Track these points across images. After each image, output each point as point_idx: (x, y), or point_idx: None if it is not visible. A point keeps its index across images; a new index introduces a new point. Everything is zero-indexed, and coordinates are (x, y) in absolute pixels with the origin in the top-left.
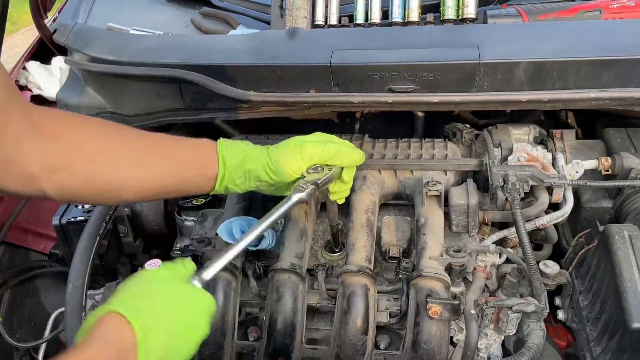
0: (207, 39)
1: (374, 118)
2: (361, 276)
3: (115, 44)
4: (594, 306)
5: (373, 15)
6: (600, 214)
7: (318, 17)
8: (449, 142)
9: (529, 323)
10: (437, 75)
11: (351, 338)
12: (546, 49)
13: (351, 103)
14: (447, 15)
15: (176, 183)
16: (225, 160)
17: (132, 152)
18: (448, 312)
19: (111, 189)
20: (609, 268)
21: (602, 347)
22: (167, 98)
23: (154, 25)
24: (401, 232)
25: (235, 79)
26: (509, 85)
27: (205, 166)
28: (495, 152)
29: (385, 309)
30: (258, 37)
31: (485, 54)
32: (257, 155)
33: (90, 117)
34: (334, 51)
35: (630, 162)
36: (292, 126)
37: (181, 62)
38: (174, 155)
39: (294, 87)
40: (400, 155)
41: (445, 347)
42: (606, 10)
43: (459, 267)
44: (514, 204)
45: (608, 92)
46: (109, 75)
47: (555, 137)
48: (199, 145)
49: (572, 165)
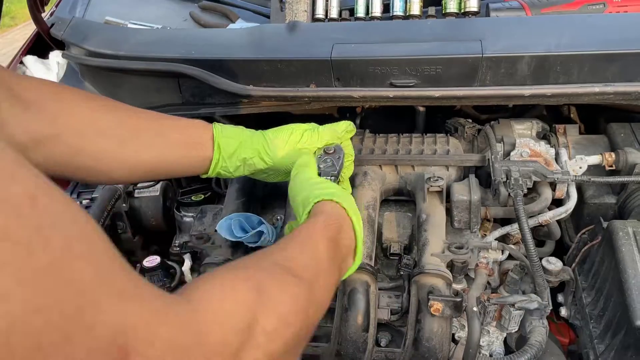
0: (206, 33)
1: (374, 113)
2: (362, 273)
3: (113, 38)
4: (597, 303)
5: (374, 8)
6: (604, 210)
7: (318, 10)
8: (450, 138)
9: (531, 320)
10: (439, 69)
11: (352, 335)
12: (550, 42)
13: (352, 98)
14: (449, 9)
15: (167, 163)
16: (220, 147)
17: (121, 127)
18: (450, 310)
19: (98, 165)
20: (613, 264)
21: (605, 345)
22: (166, 92)
23: (152, 19)
24: (402, 228)
25: (235, 73)
26: (512, 80)
27: (199, 149)
28: (497, 147)
29: (386, 306)
30: (257, 31)
31: (488, 48)
32: (252, 142)
33: (74, 88)
34: (334, 45)
35: (634, 158)
36: (291, 121)
37: (180, 56)
38: (166, 135)
39: (294, 81)
40: (401, 151)
41: (446, 345)
42: (610, 4)
43: (460, 263)
44: (517, 200)
45: (613, 86)
46: (106, 69)
47: (558, 132)
48: (193, 126)
49: (575, 161)
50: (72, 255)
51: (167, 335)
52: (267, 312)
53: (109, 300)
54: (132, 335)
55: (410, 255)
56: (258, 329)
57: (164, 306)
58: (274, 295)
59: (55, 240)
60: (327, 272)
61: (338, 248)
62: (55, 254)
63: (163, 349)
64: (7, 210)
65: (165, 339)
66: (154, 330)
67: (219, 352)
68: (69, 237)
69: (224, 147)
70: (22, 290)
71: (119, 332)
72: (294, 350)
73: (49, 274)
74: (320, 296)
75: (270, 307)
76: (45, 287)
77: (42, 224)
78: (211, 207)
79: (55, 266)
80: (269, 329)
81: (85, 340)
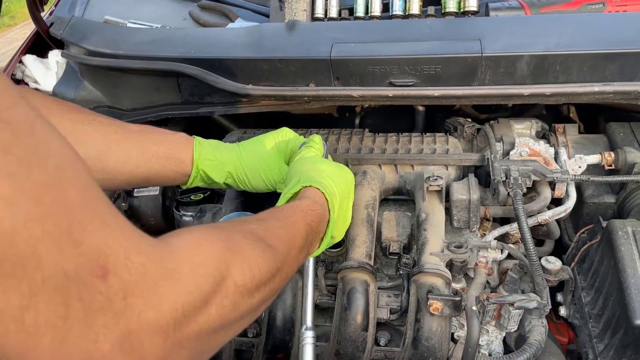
0: (206, 32)
1: (374, 112)
2: (361, 272)
3: (113, 37)
4: (597, 302)
5: (373, 8)
6: (603, 209)
7: (318, 10)
8: (450, 137)
9: (530, 319)
10: (439, 68)
11: (351, 334)
12: (549, 42)
13: (351, 97)
14: (448, 8)
15: (146, 175)
16: (198, 165)
17: (103, 139)
18: (449, 309)
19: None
20: (612, 264)
21: (604, 344)
22: (165, 92)
23: (151, 18)
24: (402, 227)
25: (234, 72)
26: (511, 79)
27: (178, 164)
28: (497, 146)
29: (386, 305)
30: (257, 30)
31: (487, 47)
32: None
33: (60, 100)
34: (333, 44)
35: (633, 157)
36: (290, 120)
37: (179, 56)
38: (146, 148)
39: (294, 80)
40: (401, 150)
41: (446, 344)
42: (610, 3)
43: (460, 263)
44: (516, 199)
45: (612, 85)
46: (106, 68)
47: (557, 131)
48: (174, 141)
49: (574, 160)
50: (64, 179)
51: (142, 264)
52: (239, 268)
53: (92, 223)
54: (111, 257)
55: (410, 255)
56: (229, 280)
57: (140, 238)
58: (247, 255)
59: (49, 163)
60: (298, 250)
61: (312, 233)
62: (50, 174)
63: (137, 275)
64: (10, 129)
65: (139, 267)
66: (131, 257)
67: (189, 291)
68: (60, 164)
69: (202, 166)
70: (24, 199)
71: (101, 252)
72: (253, 313)
73: (45, 191)
74: (288, 269)
75: (242, 264)
76: (43, 201)
77: (39, 147)
78: (210, 206)
79: (50, 185)
80: (240, 283)
81: (73, 254)
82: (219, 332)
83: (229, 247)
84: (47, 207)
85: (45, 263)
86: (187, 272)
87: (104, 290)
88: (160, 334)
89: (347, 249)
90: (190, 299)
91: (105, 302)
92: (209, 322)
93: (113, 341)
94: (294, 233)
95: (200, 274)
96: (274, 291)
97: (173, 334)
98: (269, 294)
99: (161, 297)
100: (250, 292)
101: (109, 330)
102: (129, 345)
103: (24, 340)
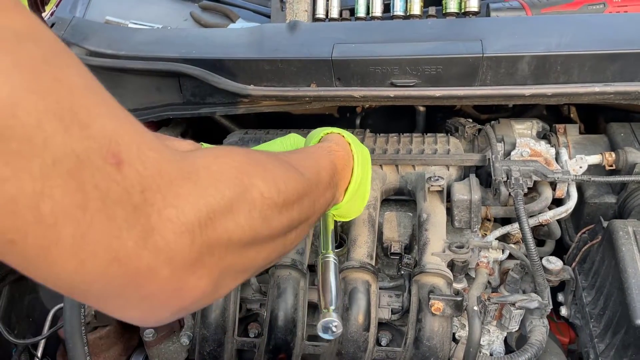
0: (207, 33)
1: (375, 112)
2: (363, 272)
3: (114, 37)
4: (598, 302)
5: (375, 8)
6: (604, 210)
7: (319, 10)
8: (451, 137)
9: (531, 319)
10: (440, 69)
11: (352, 334)
12: (550, 42)
13: (352, 97)
14: (449, 9)
15: None
16: None
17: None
18: (450, 309)
19: None
20: (613, 264)
21: (605, 344)
22: (166, 92)
23: (152, 19)
24: (403, 227)
25: (235, 73)
26: (513, 80)
27: None
28: (498, 147)
29: (387, 305)
30: (258, 30)
31: (488, 48)
32: None
33: None
34: (335, 45)
35: (634, 157)
36: (292, 121)
37: (180, 56)
38: None
39: (295, 81)
40: (402, 150)
41: (447, 344)
42: (610, 4)
43: (461, 263)
44: (517, 200)
45: (613, 86)
46: (107, 69)
47: (558, 132)
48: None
49: (575, 160)
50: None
51: (156, 161)
52: (263, 179)
53: (98, 108)
54: (123, 147)
55: (411, 255)
56: (255, 191)
57: (154, 137)
58: (270, 169)
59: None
60: (325, 185)
61: (337, 173)
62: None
63: (152, 170)
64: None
65: (154, 162)
66: (144, 151)
67: (210, 194)
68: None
69: None
70: (20, 71)
71: (112, 139)
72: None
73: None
74: (315, 197)
75: (266, 176)
76: (41, 74)
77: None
78: None
79: (47, 62)
80: (266, 195)
81: (82, 136)
82: (251, 247)
83: (250, 161)
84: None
85: (52, 141)
86: (205, 176)
87: (120, 180)
88: (186, 234)
89: (348, 249)
90: (212, 202)
91: (122, 193)
92: (238, 232)
93: (137, 238)
94: (319, 167)
95: (220, 179)
96: (303, 217)
97: (200, 236)
98: (298, 217)
99: (179, 197)
100: (279, 207)
101: (131, 225)
102: (153, 243)
103: (44, 234)
